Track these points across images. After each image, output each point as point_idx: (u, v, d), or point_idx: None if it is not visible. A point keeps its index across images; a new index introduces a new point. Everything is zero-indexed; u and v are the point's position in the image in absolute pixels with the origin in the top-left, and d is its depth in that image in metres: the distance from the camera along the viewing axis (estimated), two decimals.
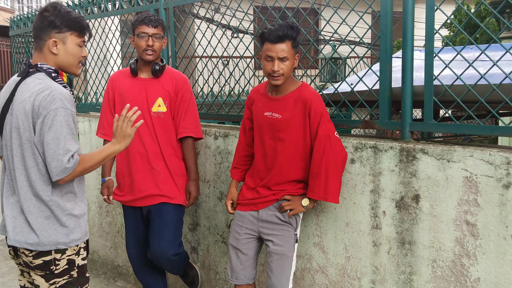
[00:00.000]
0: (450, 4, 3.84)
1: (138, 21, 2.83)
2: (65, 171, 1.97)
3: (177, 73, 3.02)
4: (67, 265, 2.10)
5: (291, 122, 2.43)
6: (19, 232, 2.06)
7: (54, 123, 1.96)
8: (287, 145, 2.46)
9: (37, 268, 2.08)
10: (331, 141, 2.38)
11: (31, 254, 2.06)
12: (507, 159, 2.06)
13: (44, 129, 1.96)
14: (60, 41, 2.06)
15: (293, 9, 3.18)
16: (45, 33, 2.05)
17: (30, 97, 1.98)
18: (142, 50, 2.83)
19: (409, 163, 2.35)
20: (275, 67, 2.33)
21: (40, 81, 2.02)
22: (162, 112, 2.92)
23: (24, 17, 5.32)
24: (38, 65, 2.07)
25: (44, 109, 1.96)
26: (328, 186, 2.38)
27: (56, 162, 1.96)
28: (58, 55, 2.08)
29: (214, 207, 3.31)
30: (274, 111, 2.47)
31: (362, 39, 2.64)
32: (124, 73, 3.01)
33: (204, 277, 3.46)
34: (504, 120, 2.25)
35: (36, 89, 1.99)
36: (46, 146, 1.97)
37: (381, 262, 2.50)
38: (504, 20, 2.39)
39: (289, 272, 2.50)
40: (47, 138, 1.96)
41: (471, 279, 2.21)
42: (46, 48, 2.06)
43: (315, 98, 2.41)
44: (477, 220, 2.16)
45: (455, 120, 2.35)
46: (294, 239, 2.52)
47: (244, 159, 2.73)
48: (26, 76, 2.06)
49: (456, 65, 2.45)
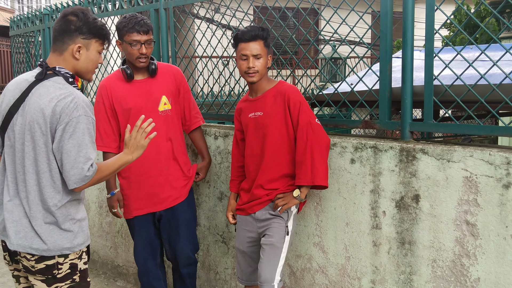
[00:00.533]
0: (450, 4, 3.84)
1: (128, 28, 2.72)
2: (85, 179, 1.97)
3: (170, 67, 3.01)
4: (69, 270, 2.07)
5: (272, 116, 2.52)
6: (23, 236, 2.01)
7: (76, 131, 1.94)
8: (272, 139, 2.53)
9: (38, 273, 2.04)
10: (313, 127, 2.46)
11: (33, 259, 2.02)
12: (507, 159, 2.06)
13: (65, 136, 1.94)
14: (84, 47, 2.05)
15: (293, 9, 3.18)
16: (70, 37, 2.03)
17: (50, 102, 1.95)
18: (134, 58, 2.78)
19: (409, 163, 2.35)
20: (250, 63, 2.49)
21: (61, 85, 2.00)
22: (169, 109, 2.91)
23: (24, 17, 5.32)
24: (56, 68, 2.03)
25: (67, 116, 1.93)
26: (314, 169, 2.42)
27: (76, 170, 1.95)
28: (79, 60, 2.06)
29: (214, 207, 3.31)
30: (256, 110, 2.59)
31: (362, 39, 2.64)
32: (116, 78, 2.91)
33: (204, 277, 3.46)
34: (504, 120, 2.25)
35: (57, 94, 1.96)
36: (66, 153, 1.94)
37: (381, 262, 2.50)
38: (504, 20, 2.39)
39: (277, 262, 2.50)
40: (68, 145, 1.94)
41: (471, 279, 2.21)
42: (69, 52, 2.04)
43: (292, 90, 2.53)
44: (477, 220, 2.17)
45: (455, 120, 2.35)
46: (284, 231, 2.54)
47: (239, 170, 2.79)
48: (43, 78, 2.02)
49: (456, 65, 2.45)
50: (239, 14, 3.84)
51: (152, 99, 2.87)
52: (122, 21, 2.77)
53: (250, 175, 2.64)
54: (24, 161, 2.00)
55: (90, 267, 4.35)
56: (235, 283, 3.27)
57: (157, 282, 3.08)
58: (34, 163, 2.00)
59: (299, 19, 13.03)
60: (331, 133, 2.88)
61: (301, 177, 2.45)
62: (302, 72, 11.26)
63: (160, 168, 2.89)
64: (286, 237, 2.54)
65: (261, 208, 2.59)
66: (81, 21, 2.03)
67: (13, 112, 2.03)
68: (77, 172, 1.95)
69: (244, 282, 2.74)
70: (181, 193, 2.96)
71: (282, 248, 2.52)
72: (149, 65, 2.87)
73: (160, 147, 2.88)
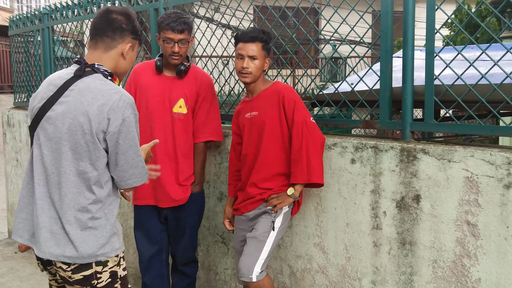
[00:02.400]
0: (451, 4, 3.83)
1: (164, 25, 2.72)
2: (145, 177, 1.99)
3: (201, 74, 2.98)
4: (110, 278, 1.95)
5: (267, 115, 2.54)
6: (55, 244, 1.87)
7: (130, 130, 1.89)
8: (267, 138, 2.54)
9: (77, 284, 1.90)
10: (308, 126, 2.47)
11: (69, 269, 1.88)
12: (508, 159, 2.06)
13: (120, 136, 1.87)
14: (131, 47, 2.02)
15: (293, 8, 3.17)
16: (122, 36, 1.97)
17: (94, 99, 1.85)
18: (168, 54, 2.79)
19: (410, 163, 2.34)
20: (244, 64, 2.52)
21: (102, 82, 1.90)
22: (183, 113, 2.89)
23: (23, 16, 5.31)
24: (96, 65, 1.94)
25: (119, 116, 1.86)
26: (310, 168, 2.43)
27: (136, 169, 1.94)
28: (125, 60, 2.01)
29: (214, 207, 3.31)
30: (252, 110, 2.61)
31: (362, 38, 2.63)
32: (148, 67, 2.94)
33: (204, 277, 3.45)
34: (505, 120, 2.25)
35: (100, 91, 1.87)
36: (123, 154, 1.88)
37: (382, 262, 2.49)
38: (505, 19, 2.38)
39: (258, 255, 2.49)
40: (124, 146, 1.88)
41: (472, 280, 2.20)
42: (118, 50, 1.97)
43: (287, 89, 2.55)
44: (478, 220, 2.16)
45: (455, 120, 2.34)
46: (270, 226, 2.54)
47: (236, 174, 2.80)
48: (82, 75, 1.91)
49: (457, 65, 2.44)
50: (239, 13, 3.83)
51: (170, 98, 2.87)
52: (163, 16, 2.78)
53: (245, 174, 2.65)
54: (61, 161, 1.87)
55: None
56: (235, 283, 3.27)
57: (159, 279, 3.09)
58: (72, 164, 1.87)
59: (299, 18, 13.02)
60: (331, 133, 2.87)
61: (296, 175, 2.46)
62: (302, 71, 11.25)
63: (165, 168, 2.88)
64: (272, 232, 2.53)
65: (254, 208, 2.60)
66: (130, 21, 2.00)
67: (46, 109, 1.90)
68: (137, 172, 1.95)
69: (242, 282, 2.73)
70: (183, 193, 2.94)
71: (265, 242, 2.51)
72: (179, 65, 2.86)
73: (168, 147, 2.88)
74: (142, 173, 1.97)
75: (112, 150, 1.88)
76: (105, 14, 1.98)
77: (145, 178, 2.00)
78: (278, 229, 2.55)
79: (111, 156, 1.90)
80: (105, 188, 1.93)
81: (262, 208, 2.58)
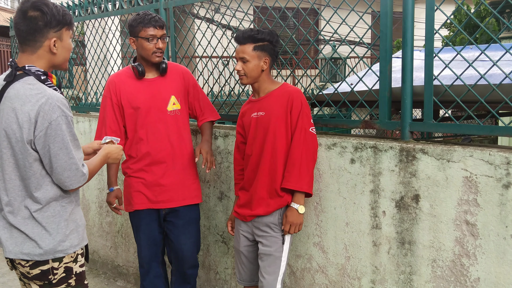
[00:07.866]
0: (450, 4, 3.84)
1: (144, 23, 2.72)
2: (81, 180, 1.97)
3: (178, 67, 3.00)
4: (64, 273, 2.03)
5: (275, 116, 2.50)
6: (13, 242, 1.97)
7: (59, 133, 1.88)
8: (272, 139, 2.50)
9: (35, 279, 2.00)
10: (307, 135, 2.46)
11: (27, 265, 1.98)
12: (507, 159, 2.07)
13: (48, 140, 1.88)
14: (58, 39, 1.97)
15: (293, 9, 3.18)
16: (41, 35, 1.93)
17: (22, 106, 1.86)
18: (151, 53, 2.76)
19: (409, 163, 2.35)
20: (237, 67, 2.51)
21: (31, 86, 1.90)
22: (178, 109, 2.90)
23: None
24: (26, 67, 1.93)
25: (46, 120, 1.86)
26: (302, 176, 2.43)
27: (69, 172, 1.92)
28: (57, 54, 1.98)
29: (214, 207, 3.31)
30: (259, 110, 2.58)
31: (362, 39, 2.64)
32: (126, 75, 2.90)
33: (204, 277, 3.46)
34: (504, 120, 2.25)
35: (28, 97, 1.87)
36: (54, 157, 1.89)
37: (381, 262, 2.50)
38: (504, 20, 2.39)
39: (278, 272, 2.51)
40: (54, 149, 1.89)
41: (471, 279, 2.21)
42: (44, 49, 1.95)
43: (296, 92, 2.53)
44: (477, 220, 2.17)
45: (455, 120, 2.35)
46: (280, 240, 2.53)
47: (241, 173, 2.78)
48: (13, 80, 1.92)
49: (456, 65, 2.45)
50: (239, 14, 3.84)
51: (161, 98, 2.86)
52: (136, 18, 2.77)
53: (249, 174, 2.63)
54: (4, 168, 1.94)
55: (90, 267, 4.35)
56: (235, 283, 3.27)
57: (158, 280, 3.08)
58: (15, 170, 1.94)
59: (299, 19, 13.03)
60: (331, 133, 2.88)
61: (290, 179, 2.45)
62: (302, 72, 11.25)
63: (172, 167, 2.89)
64: (284, 246, 2.54)
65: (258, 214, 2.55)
66: (47, 14, 1.92)
67: None
68: (72, 174, 1.93)
69: (243, 282, 2.74)
70: (190, 193, 2.95)
71: (281, 258, 2.52)
72: (159, 64, 2.86)
73: (174, 146, 2.88)
74: (77, 176, 1.95)
75: (44, 154, 1.91)
76: (22, 15, 1.93)
77: (81, 181, 1.97)
78: (288, 241, 2.55)
79: (45, 160, 1.92)
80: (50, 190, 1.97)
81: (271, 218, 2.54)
